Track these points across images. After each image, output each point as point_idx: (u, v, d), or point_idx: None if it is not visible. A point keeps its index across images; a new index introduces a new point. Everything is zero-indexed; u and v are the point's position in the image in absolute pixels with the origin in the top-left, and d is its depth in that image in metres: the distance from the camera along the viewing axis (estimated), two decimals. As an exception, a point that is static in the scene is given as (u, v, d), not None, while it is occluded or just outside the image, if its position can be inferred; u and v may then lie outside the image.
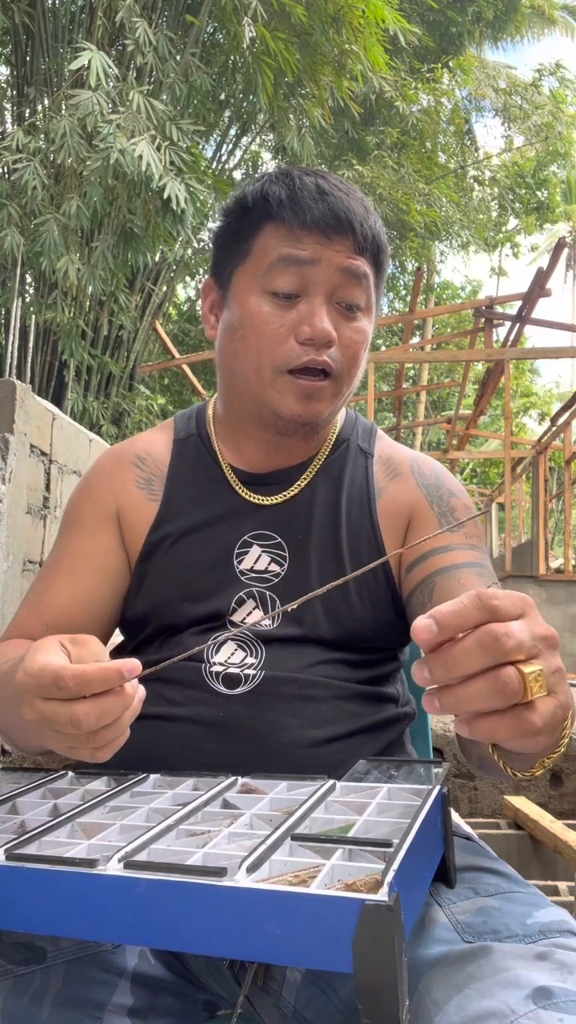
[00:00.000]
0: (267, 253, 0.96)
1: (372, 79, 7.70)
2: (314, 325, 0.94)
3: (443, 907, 0.69)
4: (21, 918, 0.56)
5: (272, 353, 0.96)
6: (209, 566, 1.00)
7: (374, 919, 0.48)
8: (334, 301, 0.96)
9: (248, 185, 1.02)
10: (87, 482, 1.09)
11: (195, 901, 0.52)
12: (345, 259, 0.96)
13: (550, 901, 0.72)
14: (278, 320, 0.95)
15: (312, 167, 1.03)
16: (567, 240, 14.14)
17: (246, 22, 5.88)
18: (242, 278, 0.99)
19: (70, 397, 7.18)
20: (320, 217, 0.94)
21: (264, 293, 0.96)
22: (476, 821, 2.75)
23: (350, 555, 1.01)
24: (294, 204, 0.95)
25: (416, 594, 0.97)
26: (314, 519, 1.02)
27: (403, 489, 1.05)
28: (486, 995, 0.58)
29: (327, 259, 0.95)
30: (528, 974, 0.59)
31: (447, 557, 0.97)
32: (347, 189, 1.00)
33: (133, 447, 1.11)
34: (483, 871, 0.77)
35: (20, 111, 7.06)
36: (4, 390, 3.47)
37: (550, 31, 15.55)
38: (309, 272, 0.95)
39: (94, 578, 1.02)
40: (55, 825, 0.65)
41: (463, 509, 1.05)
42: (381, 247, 1.00)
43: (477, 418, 11.89)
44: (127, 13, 5.69)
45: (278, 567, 1.00)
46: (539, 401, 24.05)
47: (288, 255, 0.95)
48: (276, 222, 0.96)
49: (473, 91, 13.36)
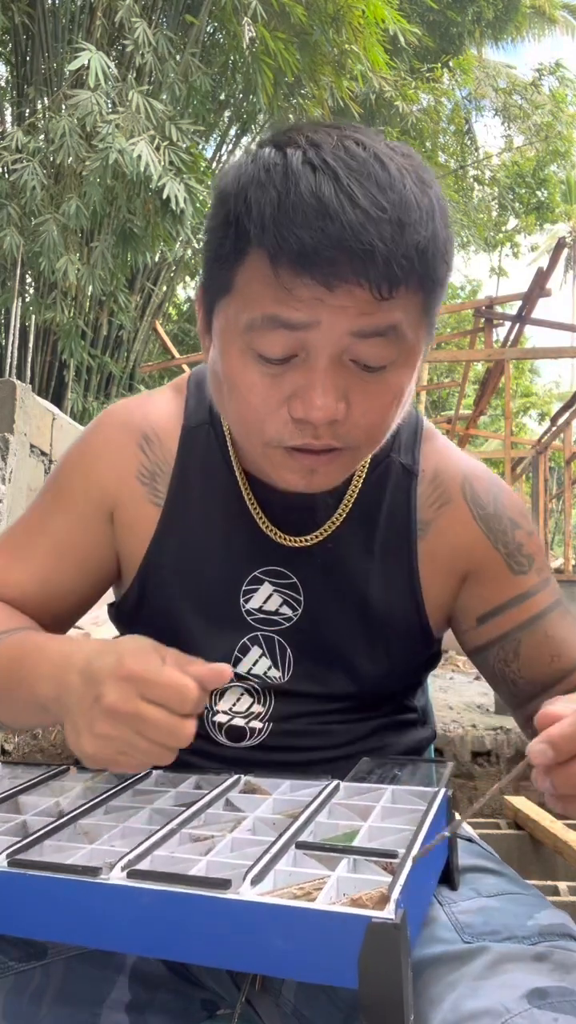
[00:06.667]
0: (250, 300, 0.70)
1: (372, 79, 7.69)
2: (309, 403, 0.70)
3: (444, 906, 0.69)
4: (23, 924, 0.56)
5: (260, 428, 0.74)
6: (211, 601, 0.87)
7: (380, 937, 0.47)
8: (346, 359, 0.71)
9: (235, 168, 0.72)
10: (86, 450, 0.92)
11: (199, 913, 0.51)
12: (357, 318, 0.67)
13: (551, 904, 0.72)
14: (266, 390, 0.71)
15: (344, 129, 0.71)
16: (567, 240, 14.15)
17: (246, 22, 5.87)
18: (224, 319, 0.74)
19: (70, 397, 7.18)
20: (317, 252, 0.64)
21: (249, 349, 0.71)
22: (476, 821, 2.75)
23: (380, 606, 0.87)
24: (281, 228, 0.65)
25: (495, 649, 0.88)
26: (339, 558, 0.86)
27: (455, 524, 0.87)
28: (482, 994, 0.58)
29: (329, 322, 0.67)
30: (525, 975, 0.59)
31: (528, 607, 0.87)
32: (382, 179, 0.66)
33: (144, 419, 0.91)
34: (485, 872, 0.77)
35: (20, 111, 7.06)
36: (4, 390, 3.47)
37: (550, 31, 15.54)
38: (304, 337, 0.69)
39: (72, 570, 0.91)
40: (57, 828, 0.65)
41: (531, 542, 0.89)
42: (432, 262, 0.69)
43: (477, 418, 11.88)
44: (127, 13, 5.69)
45: (290, 610, 0.86)
46: (539, 401, 24.05)
47: (274, 316, 0.68)
48: (261, 250, 0.67)
49: (473, 91, 13.34)
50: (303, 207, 0.65)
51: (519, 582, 0.87)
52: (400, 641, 0.88)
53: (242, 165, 0.72)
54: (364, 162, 0.67)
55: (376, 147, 0.69)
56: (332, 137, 0.69)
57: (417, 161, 0.71)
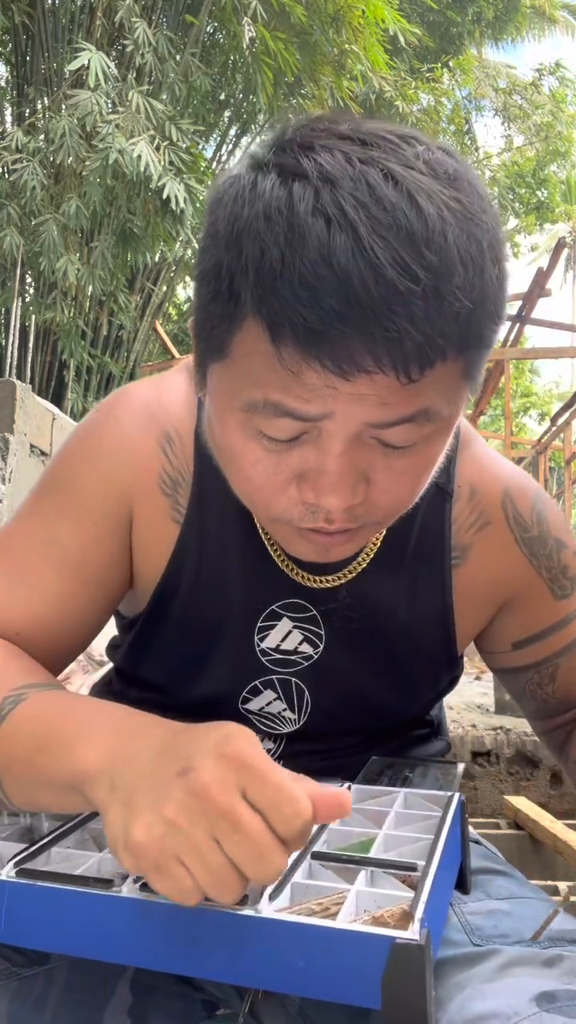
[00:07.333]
0: (249, 378, 0.56)
1: (372, 79, 7.68)
2: (320, 491, 0.58)
3: (454, 906, 0.69)
4: (32, 936, 0.55)
5: (266, 506, 0.63)
6: (223, 638, 0.78)
7: (404, 957, 0.46)
8: (367, 437, 0.58)
9: (231, 196, 0.56)
10: (97, 445, 0.77)
11: (215, 929, 0.50)
12: (378, 409, 0.55)
13: (561, 909, 0.72)
14: (272, 467, 0.60)
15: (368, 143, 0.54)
16: (567, 240, 14.14)
17: (246, 22, 5.87)
18: (220, 386, 0.61)
19: (70, 397, 7.18)
20: (328, 336, 0.51)
21: (250, 426, 0.59)
22: (476, 821, 2.75)
23: (408, 640, 0.78)
24: (283, 302, 0.51)
25: (530, 673, 0.83)
26: (364, 591, 0.77)
27: (494, 549, 0.78)
28: (489, 996, 0.57)
29: (345, 413, 0.55)
30: (534, 978, 0.58)
31: (568, 632, 0.81)
32: (417, 231, 0.51)
33: (164, 413, 0.77)
34: (494, 874, 0.76)
35: (20, 111, 7.05)
36: (4, 390, 3.46)
37: (550, 31, 15.52)
38: (314, 426, 0.57)
39: (89, 589, 0.75)
40: (64, 833, 0.64)
41: (575, 562, 0.81)
42: (478, 328, 0.55)
43: (477, 418, 11.88)
44: (127, 13, 5.69)
45: (311, 648, 0.77)
46: (539, 401, 24.06)
47: (278, 404, 0.56)
48: (260, 319, 0.53)
49: (473, 91, 13.34)
50: (311, 276, 0.50)
51: (561, 607, 0.80)
52: (426, 673, 0.81)
53: (238, 196, 0.55)
54: (393, 207, 0.51)
55: (410, 177, 0.52)
56: (353, 164, 0.52)
57: (464, 180, 0.55)
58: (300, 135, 0.56)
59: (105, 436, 0.77)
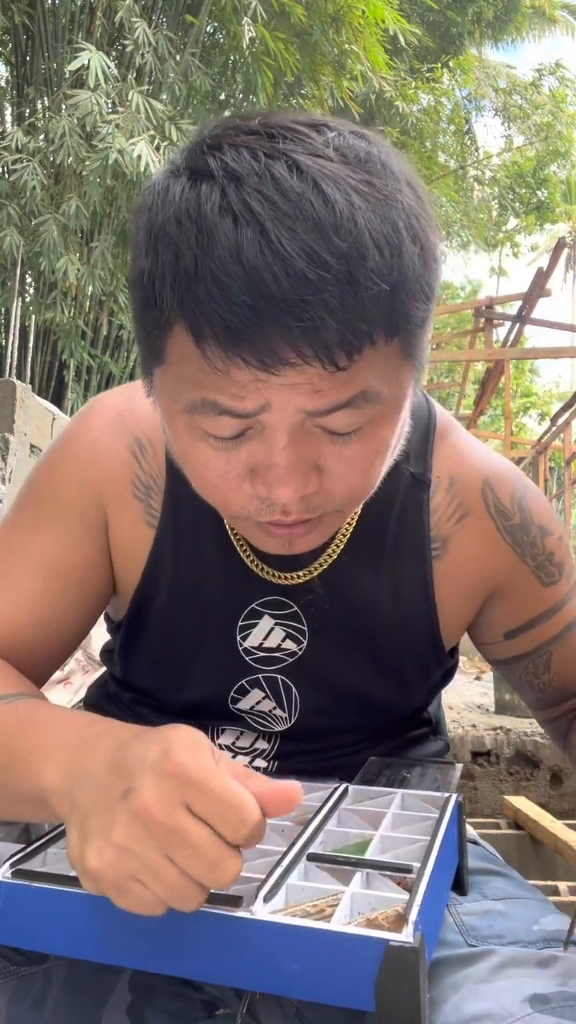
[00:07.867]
0: (185, 380, 0.58)
1: (372, 79, 7.68)
2: (270, 484, 0.59)
3: (449, 907, 0.69)
4: (27, 936, 0.55)
5: (223, 504, 0.64)
6: (203, 642, 0.78)
7: (398, 960, 0.46)
8: (310, 426, 0.58)
9: (148, 204, 0.57)
10: (70, 455, 0.79)
11: (211, 931, 0.50)
12: (311, 397, 0.55)
13: (556, 909, 0.72)
14: (223, 465, 0.61)
15: (276, 137, 0.54)
16: (567, 240, 14.15)
17: (246, 22, 5.87)
18: (162, 390, 0.62)
19: (70, 397, 7.17)
20: (246, 332, 0.52)
21: (195, 427, 0.60)
22: (476, 821, 2.75)
23: (391, 633, 0.78)
24: (200, 304, 0.52)
25: (523, 662, 0.83)
26: (343, 585, 0.77)
27: (476, 539, 0.78)
28: (484, 997, 0.58)
29: (280, 403, 0.56)
30: (528, 979, 0.59)
31: (560, 618, 0.81)
32: (325, 219, 0.51)
33: (134, 419, 0.79)
34: (491, 874, 0.76)
35: (20, 111, 7.05)
36: (4, 390, 3.47)
37: (551, 31, 15.52)
38: (255, 420, 0.58)
39: (71, 592, 0.77)
40: (60, 834, 0.63)
41: (560, 548, 0.80)
42: (404, 307, 0.55)
43: (477, 418, 11.88)
44: (127, 13, 5.68)
45: (294, 644, 0.77)
46: (539, 401, 24.07)
47: (215, 403, 0.57)
48: (183, 323, 0.55)
49: (473, 91, 13.34)
50: (223, 274, 0.51)
51: (550, 593, 0.80)
52: (414, 666, 0.81)
53: (153, 203, 0.56)
54: (299, 197, 0.51)
55: (316, 166, 0.52)
56: (258, 159, 0.52)
57: (377, 161, 0.55)
58: (211, 135, 0.57)
59: (77, 444, 0.79)
